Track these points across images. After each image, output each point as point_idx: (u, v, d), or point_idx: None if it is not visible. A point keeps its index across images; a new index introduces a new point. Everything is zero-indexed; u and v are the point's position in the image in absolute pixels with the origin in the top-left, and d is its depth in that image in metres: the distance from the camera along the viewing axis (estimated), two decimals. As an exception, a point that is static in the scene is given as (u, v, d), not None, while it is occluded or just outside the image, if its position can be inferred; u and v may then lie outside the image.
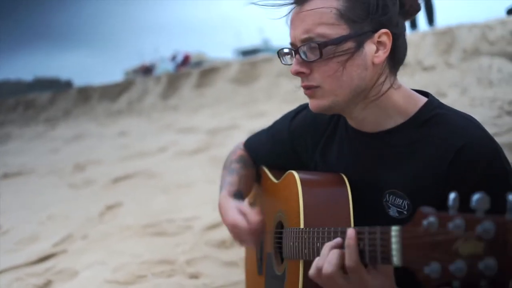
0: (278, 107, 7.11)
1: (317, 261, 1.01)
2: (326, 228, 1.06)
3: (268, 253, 1.45)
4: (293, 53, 1.14)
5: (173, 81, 12.39)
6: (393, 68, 1.16)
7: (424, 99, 1.18)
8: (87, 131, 10.07)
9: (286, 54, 1.19)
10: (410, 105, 1.16)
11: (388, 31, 1.09)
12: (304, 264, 1.16)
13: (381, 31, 1.09)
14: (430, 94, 1.20)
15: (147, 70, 29.29)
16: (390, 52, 1.11)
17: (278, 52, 1.20)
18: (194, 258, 2.64)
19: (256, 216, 1.34)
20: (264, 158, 1.57)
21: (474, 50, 5.80)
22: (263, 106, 7.96)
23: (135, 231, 3.21)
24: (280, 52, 1.20)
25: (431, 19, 7.35)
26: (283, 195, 1.35)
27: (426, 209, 0.79)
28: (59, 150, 8.01)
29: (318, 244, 1.07)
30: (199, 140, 6.39)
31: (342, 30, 1.07)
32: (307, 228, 1.14)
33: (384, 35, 1.09)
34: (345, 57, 1.08)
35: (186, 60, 22.87)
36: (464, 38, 6.02)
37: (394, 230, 0.85)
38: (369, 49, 1.09)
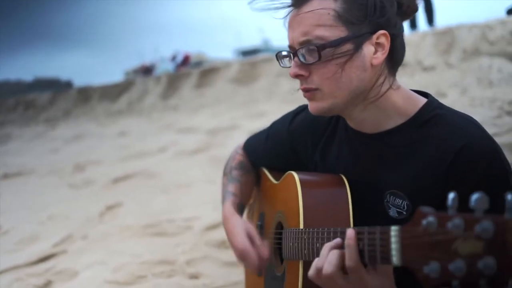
0: (278, 107, 7.10)
1: (316, 261, 1.01)
2: (326, 228, 1.06)
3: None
4: (291, 55, 1.14)
5: (173, 81, 12.39)
6: (391, 69, 1.15)
7: (424, 99, 1.18)
8: (87, 131, 10.06)
9: (285, 57, 1.19)
10: (409, 105, 1.16)
11: (386, 32, 1.09)
12: (303, 265, 1.16)
13: (379, 33, 1.09)
14: (429, 94, 1.20)
15: (147, 70, 29.26)
16: (389, 53, 1.11)
17: (277, 55, 1.20)
18: (194, 258, 2.65)
19: (266, 250, 1.35)
20: (264, 160, 1.57)
21: (474, 50, 5.80)
22: (263, 106, 7.96)
23: (135, 231, 3.21)
24: (279, 55, 1.19)
25: (430, 19, 7.34)
26: (282, 196, 1.35)
27: (425, 209, 0.80)
28: (59, 150, 8.01)
29: (318, 245, 1.07)
30: (199, 140, 6.39)
31: (340, 32, 1.07)
32: (306, 229, 1.14)
33: (382, 37, 1.09)
34: (343, 59, 1.08)
35: (186, 60, 22.85)
36: (464, 38, 6.02)
37: (394, 230, 0.85)
38: (367, 50, 1.09)
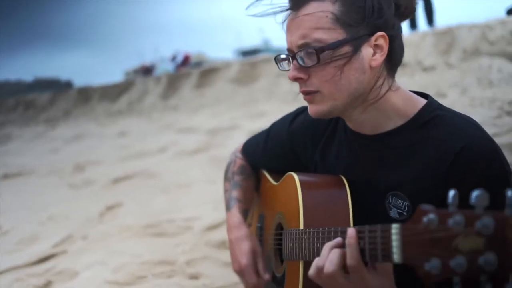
0: (278, 107, 7.11)
1: (317, 261, 1.01)
2: (326, 228, 1.06)
3: (268, 254, 1.45)
4: (290, 58, 1.14)
5: (173, 81, 12.40)
6: (390, 70, 1.15)
7: (423, 100, 1.18)
8: (87, 131, 10.07)
9: (283, 60, 1.19)
10: (409, 107, 1.16)
11: (385, 34, 1.09)
12: (304, 265, 1.16)
13: (377, 34, 1.09)
14: (429, 95, 1.20)
15: (147, 71, 29.26)
16: (387, 54, 1.11)
17: (275, 58, 1.20)
18: (194, 259, 2.65)
19: (267, 276, 1.40)
20: (263, 161, 1.57)
21: (474, 50, 5.80)
22: (263, 106, 7.96)
23: (135, 232, 3.21)
24: (277, 58, 1.19)
25: (430, 19, 7.34)
26: (282, 196, 1.35)
27: (426, 206, 0.80)
28: (59, 151, 8.01)
29: (318, 245, 1.07)
30: (199, 140, 6.39)
31: (339, 34, 1.07)
32: (307, 229, 1.14)
33: (381, 38, 1.09)
34: (342, 61, 1.08)
35: (186, 61, 22.85)
36: (464, 38, 6.02)
37: (395, 227, 0.86)
38: (366, 52, 1.09)
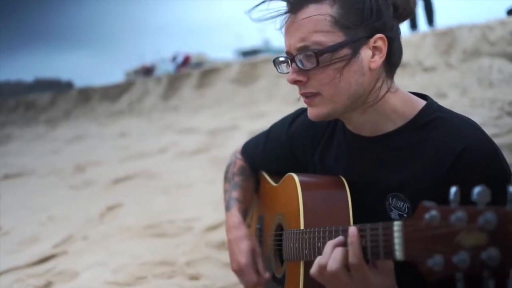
0: (278, 107, 7.11)
1: (319, 259, 1.01)
2: (327, 227, 1.06)
3: (268, 255, 1.45)
4: (289, 61, 1.14)
5: (173, 81, 12.40)
6: (389, 72, 1.15)
7: (423, 102, 1.18)
8: (87, 131, 10.07)
9: (282, 63, 1.19)
10: (408, 108, 1.16)
11: (383, 36, 1.09)
12: (304, 265, 1.17)
13: (376, 36, 1.09)
14: (428, 97, 1.20)
15: (147, 71, 29.23)
16: (386, 56, 1.11)
17: (274, 61, 1.20)
18: (194, 259, 2.65)
19: (267, 275, 1.39)
20: (263, 162, 1.57)
21: (474, 50, 5.80)
22: (264, 107, 7.97)
23: (135, 232, 3.21)
24: (276, 61, 1.19)
25: (431, 19, 7.34)
26: (282, 197, 1.35)
27: (427, 203, 0.80)
28: (60, 151, 8.01)
29: (319, 244, 1.07)
30: (199, 141, 6.40)
31: (338, 37, 1.07)
32: (307, 229, 1.14)
33: (380, 40, 1.09)
34: (341, 64, 1.08)
35: (186, 61, 22.83)
36: (465, 38, 6.01)
37: (397, 225, 0.86)
38: (365, 54, 1.09)
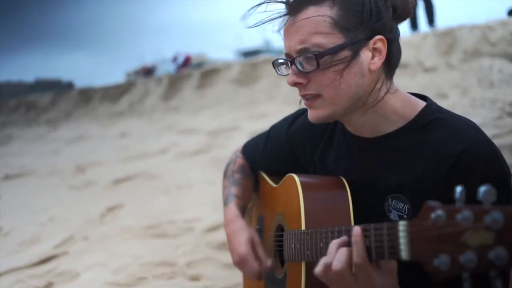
0: (279, 108, 7.11)
1: (325, 259, 1.00)
2: (329, 228, 1.06)
3: (268, 256, 1.44)
4: (288, 63, 1.14)
5: (174, 82, 12.40)
6: (388, 73, 1.15)
7: (423, 103, 1.18)
8: (88, 132, 10.07)
9: (281, 65, 1.18)
10: (408, 109, 1.16)
11: (383, 38, 1.09)
12: (306, 266, 1.16)
13: (376, 38, 1.09)
14: (428, 98, 1.20)
15: (148, 71, 29.23)
16: (386, 57, 1.11)
17: (273, 63, 1.19)
18: (195, 260, 2.65)
19: (269, 262, 1.36)
20: (262, 163, 1.57)
21: (475, 51, 5.80)
22: (264, 107, 7.96)
23: (135, 233, 3.21)
24: (275, 63, 1.19)
25: (431, 19, 7.34)
26: (283, 198, 1.35)
27: (433, 202, 0.80)
28: (60, 151, 8.01)
29: (321, 244, 1.07)
30: (200, 141, 6.39)
31: (337, 39, 1.07)
32: (309, 230, 1.14)
33: (379, 42, 1.09)
34: (342, 65, 1.07)
35: (187, 61, 22.82)
36: (465, 39, 6.01)
37: (402, 224, 0.86)
38: (365, 56, 1.09)
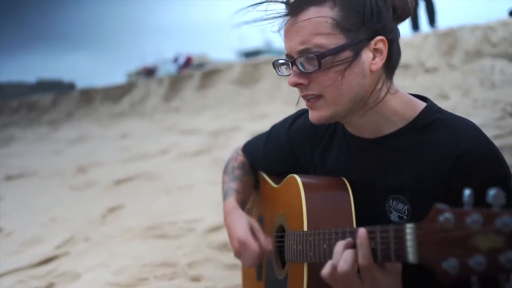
0: (280, 108, 7.11)
1: (332, 261, 1.00)
2: (333, 229, 1.06)
3: (268, 257, 1.44)
4: (289, 64, 1.13)
5: (175, 82, 12.41)
6: (388, 74, 1.15)
7: (423, 104, 1.18)
8: (89, 133, 10.08)
9: (282, 65, 1.18)
10: (408, 110, 1.16)
11: (384, 38, 1.09)
12: (308, 267, 1.16)
13: (377, 38, 1.09)
14: (428, 99, 1.20)
15: (149, 72, 29.27)
16: (386, 58, 1.11)
17: (274, 64, 1.19)
18: (196, 261, 2.65)
19: (269, 243, 1.33)
20: (263, 163, 1.57)
21: (476, 51, 5.79)
22: (265, 108, 7.97)
23: (137, 233, 3.21)
24: (276, 63, 1.19)
25: (432, 20, 7.34)
26: (284, 199, 1.35)
27: (440, 205, 0.80)
28: (62, 152, 8.02)
29: (325, 246, 1.07)
30: (201, 142, 6.39)
31: (339, 39, 1.07)
32: (311, 231, 1.14)
33: (380, 42, 1.09)
34: (343, 66, 1.07)
35: (188, 62, 22.85)
36: (466, 39, 6.01)
37: (409, 227, 0.85)
38: (366, 57, 1.09)
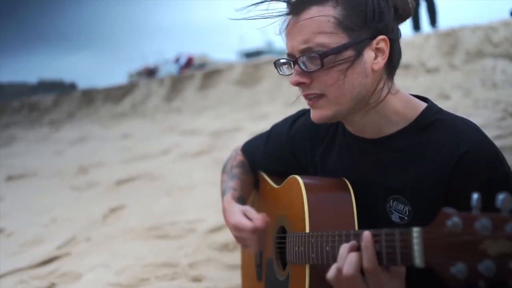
0: (281, 109, 7.11)
1: (337, 264, 1.00)
2: (337, 232, 1.05)
3: (269, 258, 1.44)
4: (291, 63, 1.13)
5: (176, 83, 12.41)
6: (389, 73, 1.15)
7: (424, 104, 1.18)
8: (91, 133, 10.09)
9: (284, 64, 1.18)
10: (409, 110, 1.16)
11: (386, 38, 1.09)
12: (310, 269, 1.16)
13: (379, 38, 1.09)
14: (428, 99, 1.20)
15: (150, 72, 29.25)
16: (388, 57, 1.11)
17: (275, 63, 1.19)
18: (197, 261, 2.65)
19: (260, 216, 1.32)
20: (263, 163, 1.57)
21: (477, 51, 5.79)
22: (266, 108, 7.97)
23: (138, 234, 3.22)
24: (277, 63, 1.18)
25: (433, 20, 7.33)
26: (285, 199, 1.35)
27: (448, 209, 0.79)
28: (63, 152, 8.02)
29: (328, 248, 1.06)
30: (202, 142, 6.39)
31: (341, 38, 1.07)
32: (314, 232, 1.13)
33: (382, 42, 1.09)
34: (345, 65, 1.07)
35: (189, 62, 22.85)
36: (468, 39, 6.01)
37: (415, 231, 0.85)
38: (368, 56, 1.09)
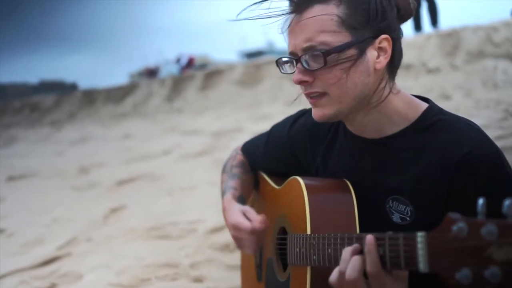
0: (282, 109, 7.11)
1: (339, 267, 0.99)
2: (339, 234, 1.05)
3: (269, 258, 1.43)
4: (294, 62, 1.13)
5: (177, 83, 12.41)
6: (391, 73, 1.15)
7: (425, 104, 1.17)
8: (92, 133, 10.09)
9: (286, 63, 1.17)
10: (410, 110, 1.16)
11: (388, 37, 1.09)
12: (311, 271, 1.15)
13: (381, 37, 1.09)
14: (430, 100, 1.20)
15: (151, 73, 29.25)
16: (390, 57, 1.11)
17: (277, 62, 1.18)
18: (198, 262, 2.65)
19: (260, 217, 1.32)
20: (263, 163, 1.56)
21: (478, 52, 5.79)
22: (267, 109, 7.97)
23: (139, 234, 3.22)
24: (279, 61, 1.18)
25: (435, 20, 7.33)
26: (286, 200, 1.34)
27: (454, 215, 0.79)
28: (64, 153, 8.03)
29: (329, 250, 1.06)
30: (203, 143, 6.39)
31: (344, 37, 1.07)
32: (315, 234, 1.13)
33: (385, 41, 1.09)
34: (348, 64, 1.07)
35: (190, 63, 22.84)
36: (469, 40, 6.01)
37: (420, 236, 0.84)
38: (370, 55, 1.09)
